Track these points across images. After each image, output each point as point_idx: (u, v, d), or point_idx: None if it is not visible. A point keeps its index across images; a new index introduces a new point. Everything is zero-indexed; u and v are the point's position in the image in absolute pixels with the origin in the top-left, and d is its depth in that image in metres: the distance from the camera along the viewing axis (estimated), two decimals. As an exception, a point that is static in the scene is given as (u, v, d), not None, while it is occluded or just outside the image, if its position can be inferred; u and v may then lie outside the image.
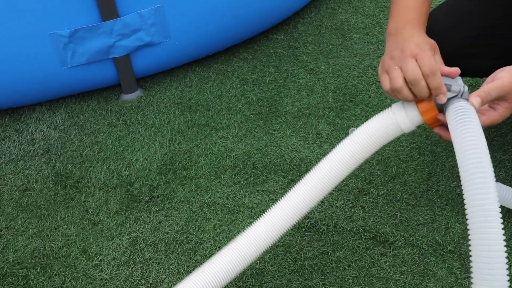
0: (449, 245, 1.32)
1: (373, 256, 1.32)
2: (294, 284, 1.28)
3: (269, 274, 1.31)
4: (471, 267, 0.78)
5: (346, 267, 1.31)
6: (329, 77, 1.98)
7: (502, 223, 0.76)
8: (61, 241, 1.45)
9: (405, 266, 1.29)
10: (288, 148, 1.68)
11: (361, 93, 1.88)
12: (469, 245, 0.78)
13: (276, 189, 1.54)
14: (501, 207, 1.38)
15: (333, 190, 1.51)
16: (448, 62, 0.93)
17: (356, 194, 1.50)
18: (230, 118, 1.83)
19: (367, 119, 0.98)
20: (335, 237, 1.38)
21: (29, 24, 1.69)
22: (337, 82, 1.96)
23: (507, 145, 1.59)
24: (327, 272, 1.30)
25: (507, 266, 0.75)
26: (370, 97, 1.85)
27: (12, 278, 1.37)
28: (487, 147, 0.80)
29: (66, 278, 1.35)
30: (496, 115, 0.91)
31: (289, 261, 1.33)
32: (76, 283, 1.34)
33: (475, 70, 1.30)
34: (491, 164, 0.78)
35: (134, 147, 1.75)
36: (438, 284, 1.25)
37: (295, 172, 1.58)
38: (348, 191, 1.51)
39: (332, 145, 1.66)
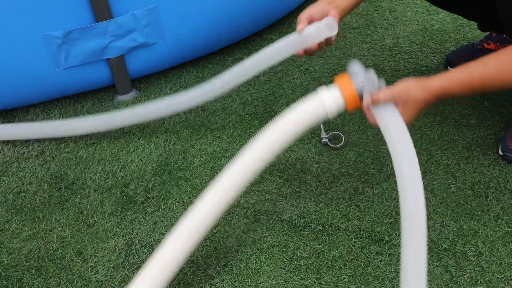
0: (444, 243, 1.33)
1: (369, 255, 1.33)
2: (290, 283, 1.28)
3: (265, 274, 1.31)
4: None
5: (342, 266, 1.31)
6: (324, 77, 1.98)
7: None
8: (56, 243, 1.45)
9: (400, 264, 1.29)
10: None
11: (355, 93, 1.88)
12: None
13: (272, 189, 1.54)
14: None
15: (329, 190, 1.51)
16: None
17: (352, 193, 1.50)
18: (225, 119, 1.83)
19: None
20: (330, 236, 1.38)
21: (22, 25, 1.68)
22: (331, 81, 1.95)
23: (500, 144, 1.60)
24: (323, 272, 1.30)
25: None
26: (364, 96, 1.86)
27: (6, 281, 1.36)
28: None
29: (61, 280, 1.35)
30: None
31: (284, 261, 1.33)
32: (71, 285, 1.33)
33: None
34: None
35: (129, 148, 1.75)
36: (433, 282, 1.25)
37: (291, 172, 1.58)
38: (343, 191, 1.51)
39: (328, 145, 1.66)
